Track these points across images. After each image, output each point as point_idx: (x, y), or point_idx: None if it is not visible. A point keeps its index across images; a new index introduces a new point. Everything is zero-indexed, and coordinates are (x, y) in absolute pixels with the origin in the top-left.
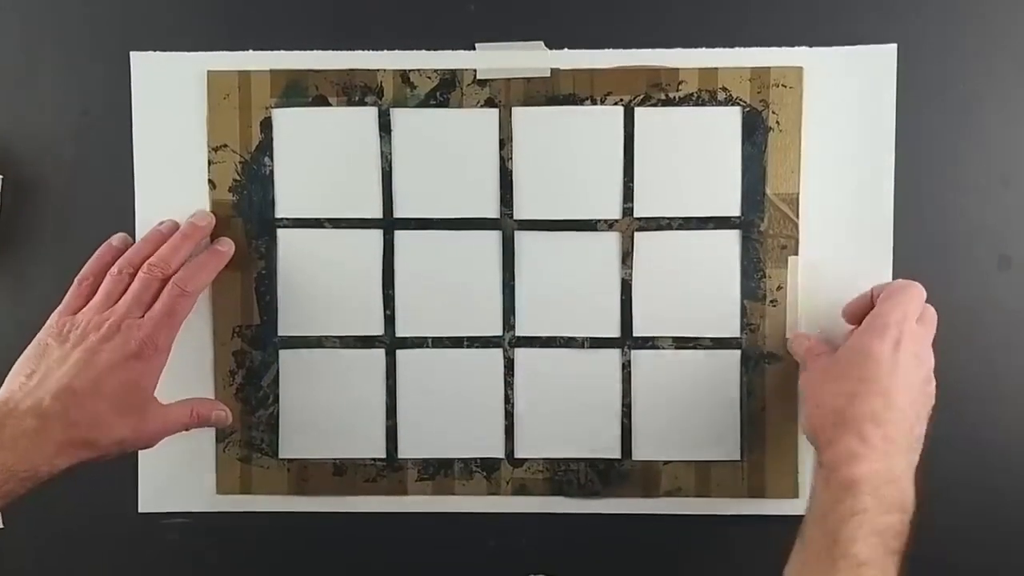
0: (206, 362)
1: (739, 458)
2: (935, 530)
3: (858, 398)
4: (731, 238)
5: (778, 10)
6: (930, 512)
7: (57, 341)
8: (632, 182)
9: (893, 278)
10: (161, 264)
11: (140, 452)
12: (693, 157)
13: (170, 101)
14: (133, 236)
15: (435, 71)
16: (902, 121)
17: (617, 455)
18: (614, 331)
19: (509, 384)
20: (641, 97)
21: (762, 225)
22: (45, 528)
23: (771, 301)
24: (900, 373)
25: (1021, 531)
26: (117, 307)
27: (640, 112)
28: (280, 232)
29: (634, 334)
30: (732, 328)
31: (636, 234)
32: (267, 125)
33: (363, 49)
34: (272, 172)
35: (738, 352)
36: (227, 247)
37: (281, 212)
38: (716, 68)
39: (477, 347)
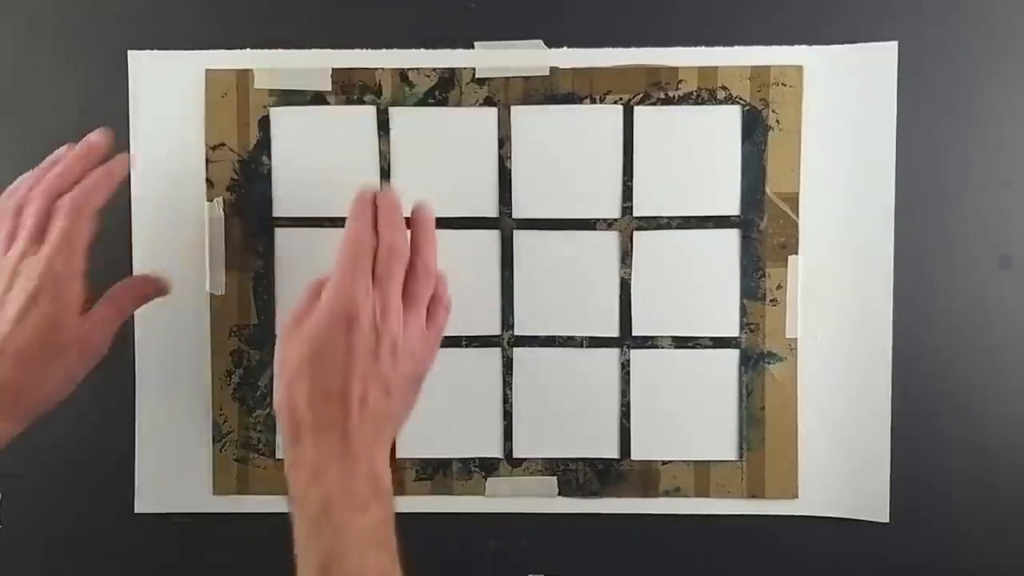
0: (203, 362)
1: (738, 458)
2: (936, 530)
3: None
4: (730, 237)
5: (778, 9)
6: (931, 512)
7: None
8: (631, 181)
9: (893, 278)
10: (50, 190)
11: (137, 452)
12: (692, 156)
13: (168, 100)
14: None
15: (434, 70)
16: (903, 120)
17: (616, 455)
18: (613, 330)
19: (508, 383)
20: (640, 96)
21: (762, 224)
22: (42, 528)
23: (771, 300)
24: None
25: (1021, 531)
26: (11, 251)
27: (639, 111)
28: (278, 231)
29: (633, 333)
30: (731, 328)
31: (635, 233)
32: (265, 124)
33: (361, 48)
34: (270, 171)
35: (737, 352)
36: (121, 163)
37: (279, 211)
38: (716, 67)
39: (475, 346)
